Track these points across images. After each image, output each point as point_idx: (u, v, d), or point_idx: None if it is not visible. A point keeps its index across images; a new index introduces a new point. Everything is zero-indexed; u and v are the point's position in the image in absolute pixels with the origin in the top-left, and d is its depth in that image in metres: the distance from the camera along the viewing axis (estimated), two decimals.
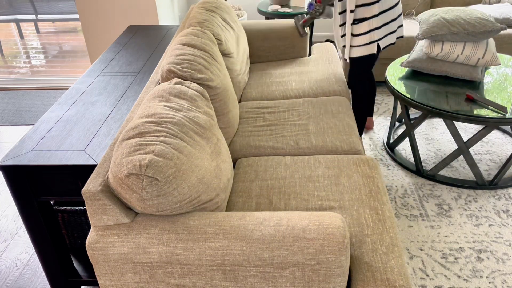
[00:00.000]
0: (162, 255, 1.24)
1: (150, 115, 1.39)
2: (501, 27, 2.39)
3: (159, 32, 2.84)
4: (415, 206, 2.36)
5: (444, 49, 2.48)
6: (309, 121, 2.17)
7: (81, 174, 1.58)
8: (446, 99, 2.38)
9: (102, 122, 1.83)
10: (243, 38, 2.67)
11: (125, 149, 1.26)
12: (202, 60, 1.87)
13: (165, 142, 1.28)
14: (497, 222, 2.24)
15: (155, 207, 1.24)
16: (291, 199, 1.66)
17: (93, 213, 1.30)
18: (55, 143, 1.69)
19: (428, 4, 3.86)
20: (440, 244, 2.12)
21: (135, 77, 2.20)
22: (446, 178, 2.53)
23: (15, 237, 2.32)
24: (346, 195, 1.66)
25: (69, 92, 2.09)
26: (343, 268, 1.20)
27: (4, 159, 1.61)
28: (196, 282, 1.27)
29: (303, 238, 1.20)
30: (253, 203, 1.65)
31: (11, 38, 5.53)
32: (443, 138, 2.93)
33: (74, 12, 6.08)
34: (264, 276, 1.23)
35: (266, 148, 2.02)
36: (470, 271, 1.97)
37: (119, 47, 2.61)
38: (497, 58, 2.45)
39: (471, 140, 2.39)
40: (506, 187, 2.47)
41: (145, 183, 1.19)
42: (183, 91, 1.58)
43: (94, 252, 1.28)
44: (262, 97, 2.49)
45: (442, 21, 2.47)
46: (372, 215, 1.57)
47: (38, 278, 2.07)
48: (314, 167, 1.82)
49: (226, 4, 2.57)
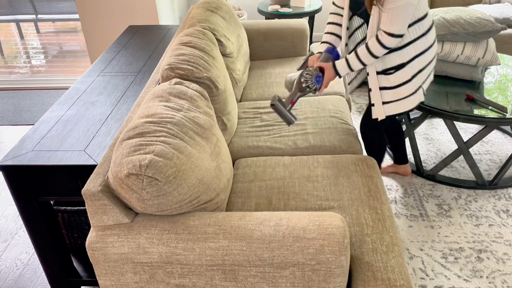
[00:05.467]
0: (162, 255, 1.24)
1: (150, 115, 1.39)
2: (501, 27, 2.39)
3: (159, 32, 2.84)
4: (415, 206, 2.36)
5: (444, 49, 2.48)
6: (307, 121, 2.17)
7: (81, 174, 1.58)
8: (446, 99, 2.38)
9: (102, 122, 1.83)
10: (243, 38, 2.67)
11: (125, 149, 1.26)
12: (202, 61, 1.87)
13: (165, 142, 1.28)
14: (497, 222, 2.24)
15: (155, 207, 1.24)
16: (291, 199, 1.66)
17: (93, 213, 1.30)
18: (55, 143, 1.69)
19: (428, 4, 3.86)
20: (440, 244, 2.12)
21: (135, 77, 2.20)
22: (446, 178, 2.53)
23: (15, 237, 2.32)
24: (345, 194, 1.66)
25: (69, 92, 2.09)
26: (343, 268, 1.20)
27: (4, 159, 1.61)
28: (196, 282, 1.27)
29: (303, 238, 1.20)
30: (252, 204, 1.65)
31: (11, 38, 5.53)
32: (443, 138, 2.93)
33: (74, 12, 6.08)
34: (264, 276, 1.23)
35: (265, 149, 2.01)
36: (470, 271, 1.97)
37: (119, 47, 2.61)
38: (497, 58, 2.45)
39: (471, 140, 2.39)
40: (506, 187, 2.47)
41: (145, 183, 1.19)
42: (183, 91, 1.58)
43: (94, 252, 1.28)
44: (262, 97, 2.49)
45: (442, 21, 2.47)
46: (372, 214, 1.57)
47: (38, 278, 2.07)
48: (312, 167, 1.82)
49: (226, 4, 2.57)
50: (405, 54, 1.83)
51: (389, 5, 1.65)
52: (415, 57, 1.84)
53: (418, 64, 1.86)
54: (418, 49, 1.83)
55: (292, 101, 1.80)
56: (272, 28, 2.88)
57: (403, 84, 1.88)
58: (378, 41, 1.74)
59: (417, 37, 1.81)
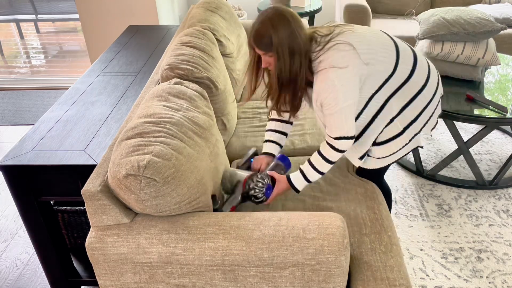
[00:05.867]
0: (162, 255, 1.24)
1: (149, 115, 1.39)
2: (501, 27, 2.39)
3: (159, 32, 2.84)
4: (415, 206, 2.36)
5: (444, 49, 2.48)
6: (305, 121, 2.16)
7: (81, 174, 1.58)
8: (446, 99, 2.38)
9: (102, 122, 1.83)
10: (243, 38, 2.67)
11: (124, 150, 1.26)
12: (202, 61, 1.87)
13: (164, 142, 1.28)
14: (497, 222, 2.24)
15: (153, 208, 1.24)
16: (288, 199, 1.66)
17: (92, 213, 1.30)
18: (55, 143, 1.69)
19: (428, 4, 3.86)
20: (440, 244, 2.12)
21: (135, 77, 2.20)
22: (446, 178, 2.53)
23: (15, 237, 2.32)
24: (342, 195, 1.66)
25: (69, 92, 2.09)
26: (343, 268, 1.20)
27: (4, 159, 1.61)
28: (196, 282, 1.27)
29: (303, 238, 1.20)
30: (250, 204, 1.65)
31: (11, 38, 5.53)
32: (443, 138, 2.93)
33: (74, 12, 6.08)
34: (263, 276, 1.23)
35: (262, 149, 2.01)
36: (470, 271, 1.97)
37: (119, 47, 2.61)
38: (497, 58, 2.45)
39: (471, 140, 2.39)
40: (506, 187, 2.47)
41: (143, 184, 1.19)
42: (182, 91, 1.58)
43: (94, 252, 1.28)
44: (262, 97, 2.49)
45: (442, 21, 2.47)
46: (370, 214, 1.57)
47: (38, 278, 2.07)
48: None
49: (226, 4, 2.57)
50: (398, 123, 1.56)
51: (326, 111, 1.45)
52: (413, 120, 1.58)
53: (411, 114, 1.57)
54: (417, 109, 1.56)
55: (232, 208, 1.51)
56: None
57: (393, 138, 1.59)
58: (330, 146, 1.50)
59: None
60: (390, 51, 1.49)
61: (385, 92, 1.51)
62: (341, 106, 1.41)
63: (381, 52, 1.47)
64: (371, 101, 1.51)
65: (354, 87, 1.42)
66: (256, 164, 1.68)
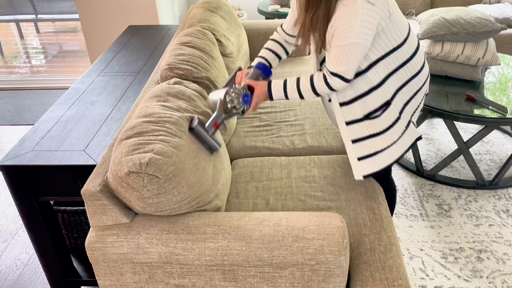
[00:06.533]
0: (162, 255, 1.24)
1: (148, 115, 1.39)
2: (501, 27, 2.39)
3: (159, 32, 2.84)
4: (415, 206, 2.36)
5: (444, 49, 2.48)
6: (305, 121, 2.16)
7: (81, 174, 1.58)
8: (446, 99, 2.38)
9: (102, 122, 1.83)
10: (243, 38, 2.67)
11: (124, 149, 1.26)
12: (202, 61, 1.87)
13: (164, 141, 1.28)
14: (497, 222, 2.24)
15: (154, 206, 1.24)
16: (288, 199, 1.66)
17: (92, 213, 1.30)
18: (55, 143, 1.69)
19: (428, 4, 3.86)
20: (440, 244, 2.12)
21: (135, 77, 2.20)
22: (446, 178, 2.53)
23: (15, 237, 2.32)
24: (342, 195, 1.66)
25: (69, 92, 2.09)
26: (342, 268, 1.20)
27: (4, 159, 1.61)
28: (196, 282, 1.28)
29: (302, 238, 1.20)
30: (249, 204, 1.65)
31: (11, 38, 5.54)
32: (443, 138, 2.93)
33: (74, 12, 6.08)
34: (263, 276, 1.23)
35: (262, 149, 2.01)
36: (470, 271, 1.97)
37: (119, 47, 2.61)
38: (497, 58, 2.45)
39: (471, 140, 2.39)
40: (506, 187, 2.47)
41: (145, 180, 1.19)
42: (182, 91, 1.58)
43: (94, 252, 1.28)
44: None
45: (442, 21, 2.47)
46: (369, 214, 1.57)
47: (38, 278, 2.07)
48: (309, 167, 1.82)
49: (226, 4, 2.57)
50: (385, 90, 1.54)
51: (335, 43, 1.43)
52: (401, 88, 1.57)
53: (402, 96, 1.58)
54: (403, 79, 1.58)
55: (215, 124, 1.48)
56: (272, 28, 2.88)
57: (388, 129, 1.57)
58: (324, 79, 1.50)
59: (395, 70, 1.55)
60: (404, 24, 1.55)
61: (388, 66, 1.52)
62: (351, 41, 1.40)
63: (400, 18, 1.52)
64: (374, 68, 1.51)
65: (371, 29, 1.41)
66: (238, 79, 1.66)
